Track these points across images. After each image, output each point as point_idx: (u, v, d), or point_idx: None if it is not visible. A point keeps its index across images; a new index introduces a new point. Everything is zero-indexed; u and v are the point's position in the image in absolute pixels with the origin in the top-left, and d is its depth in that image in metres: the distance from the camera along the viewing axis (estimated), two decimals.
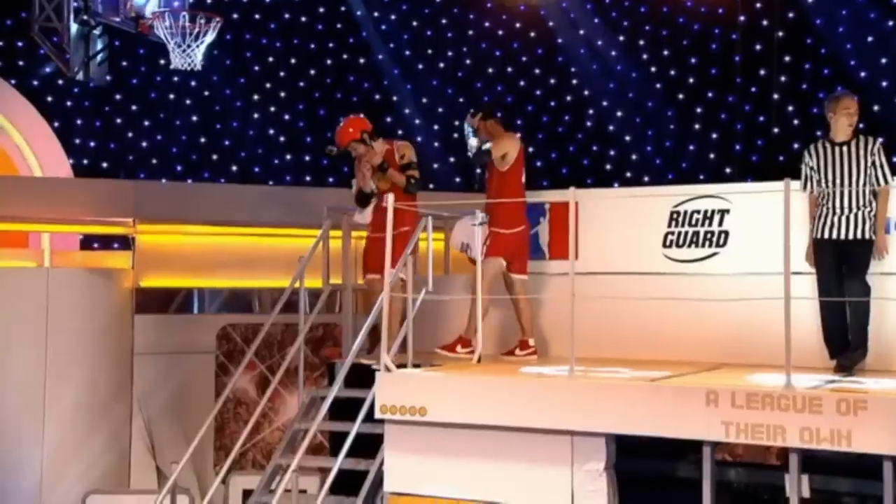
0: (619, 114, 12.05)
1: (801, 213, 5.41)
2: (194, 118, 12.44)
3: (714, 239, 6.38)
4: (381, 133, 6.50)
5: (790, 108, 11.31)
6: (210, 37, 7.99)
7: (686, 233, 6.46)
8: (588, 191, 7.70)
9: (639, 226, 6.41)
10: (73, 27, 7.88)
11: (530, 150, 11.06)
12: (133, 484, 8.06)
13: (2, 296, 7.77)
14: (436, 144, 12.18)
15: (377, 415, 5.28)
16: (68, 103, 11.90)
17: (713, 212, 6.40)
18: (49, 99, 11.66)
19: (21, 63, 11.70)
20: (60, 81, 11.93)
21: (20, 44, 11.92)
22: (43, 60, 11.68)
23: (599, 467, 4.80)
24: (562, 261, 6.36)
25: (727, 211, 6.33)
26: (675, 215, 6.43)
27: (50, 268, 8.13)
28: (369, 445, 5.54)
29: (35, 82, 11.60)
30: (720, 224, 6.35)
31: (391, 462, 5.30)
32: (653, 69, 11.84)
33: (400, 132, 12.16)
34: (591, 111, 12.29)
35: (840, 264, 5.35)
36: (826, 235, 5.35)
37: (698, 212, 6.43)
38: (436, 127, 12.40)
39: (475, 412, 5.02)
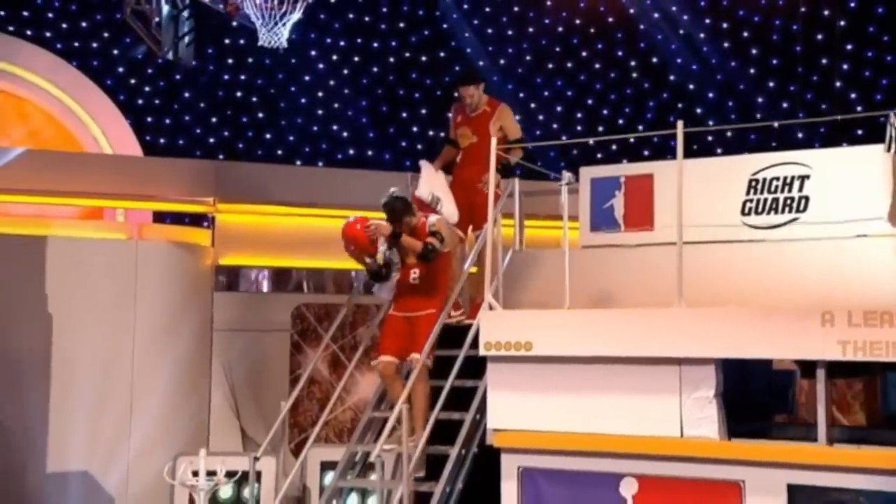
0: (679, 105, 12.15)
1: (882, 175, 5.43)
2: (260, 115, 12.77)
3: (794, 205, 6.39)
4: None
5: (853, 96, 11.33)
6: (296, 15, 8.25)
7: (765, 200, 6.48)
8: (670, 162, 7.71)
9: (716, 195, 6.40)
10: (165, 9, 8.19)
11: (590, 142, 11.21)
12: (212, 447, 8.21)
13: (92, 266, 7.99)
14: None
15: (481, 352, 5.36)
16: (139, 101, 12.31)
17: (793, 178, 6.42)
18: (121, 98, 12.10)
19: (96, 63, 12.15)
20: (133, 80, 12.40)
21: (95, 45, 12.41)
22: (115, 61, 12.17)
23: (709, 394, 4.83)
24: (637, 232, 6.46)
25: (807, 177, 6.34)
26: (753, 183, 6.46)
27: (139, 240, 8.35)
28: (462, 399, 5.60)
29: (108, 81, 12.02)
30: (800, 190, 6.37)
31: (494, 399, 5.35)
32: (713, 61, 11.94)
33: None
34: (651, 103, 12.42)
35: None
36: None
37: (777, 178, 6.45)
38: None
39: (582, 344, 5.09)
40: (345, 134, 12.90)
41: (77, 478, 7.58)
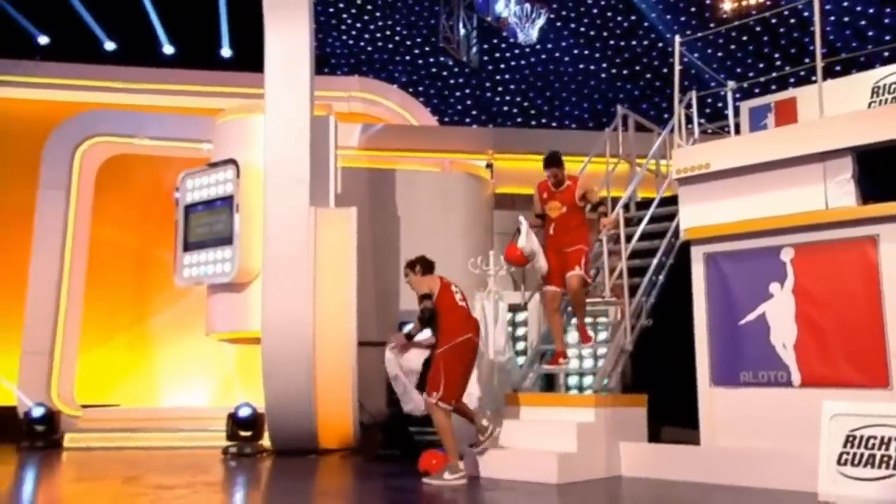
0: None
1: None
2: (530, 95, 14.46)
3: None
4: None
5: None
6: (542, 20, 9.82)
7: (885, 100, 6.69)
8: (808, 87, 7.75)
9: (843, 102, 6.38)
10: (461, 31, 10.21)
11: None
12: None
13: (420, 188, 9.94)
14: None
15: (674, 176, 6.22)
16: (434, 102, 14.67)
17: None
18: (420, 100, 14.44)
19: (414, 87, 14.71)
20: (427, 98, 14.73)
21: (424, 75, 14.97)
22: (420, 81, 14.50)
23: (847, 177, 5.29)
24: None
25: None
26: (875, 89, 6.69)
27: (449, 173, 10.25)
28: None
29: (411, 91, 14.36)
30: None
31: (685, 207, 6.16)
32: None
33: None
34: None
35: None
36: None
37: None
38: None
39: (747, 157, 5.79)
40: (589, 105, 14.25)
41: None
